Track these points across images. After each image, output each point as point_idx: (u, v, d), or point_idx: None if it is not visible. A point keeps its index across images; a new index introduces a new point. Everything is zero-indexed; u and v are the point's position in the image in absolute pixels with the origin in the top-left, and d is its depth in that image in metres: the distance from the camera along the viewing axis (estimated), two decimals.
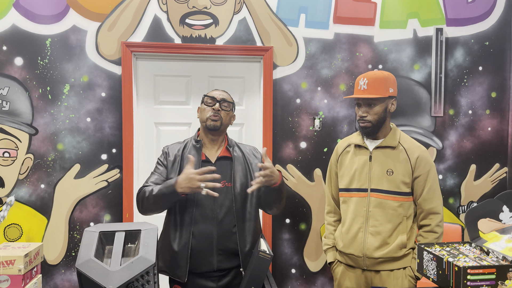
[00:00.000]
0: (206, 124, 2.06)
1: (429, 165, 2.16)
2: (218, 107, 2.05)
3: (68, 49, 2.91)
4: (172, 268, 2.01)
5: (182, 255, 1.98)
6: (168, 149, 2.13)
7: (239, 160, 2.10)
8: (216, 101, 2.07)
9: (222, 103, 2.07)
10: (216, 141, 2.11)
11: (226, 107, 2.09)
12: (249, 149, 2.19)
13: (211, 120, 2.04)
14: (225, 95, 2.12)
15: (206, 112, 2.07)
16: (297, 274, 3.15)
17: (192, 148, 2.09)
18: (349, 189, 2.24)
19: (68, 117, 2.93)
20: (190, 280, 2.01)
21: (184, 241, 1.99)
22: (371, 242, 2.14)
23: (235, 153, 2.10)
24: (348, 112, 3.15)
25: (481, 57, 3.25)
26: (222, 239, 2.00)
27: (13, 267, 1.79)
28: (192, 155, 2.05)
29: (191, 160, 1.92)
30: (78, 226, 2.96)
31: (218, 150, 2.11)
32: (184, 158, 2.07)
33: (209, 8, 3.02)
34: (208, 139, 2.10)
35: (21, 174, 2.90)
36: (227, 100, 2.10)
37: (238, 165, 2.08)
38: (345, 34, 3.13)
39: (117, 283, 1.37)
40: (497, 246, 1.84)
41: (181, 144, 2.15)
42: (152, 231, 1.58)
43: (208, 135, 2.09)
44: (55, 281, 2.94)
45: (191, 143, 2.12)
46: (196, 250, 1.99)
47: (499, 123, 3.29)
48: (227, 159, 2.09)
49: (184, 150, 2.10)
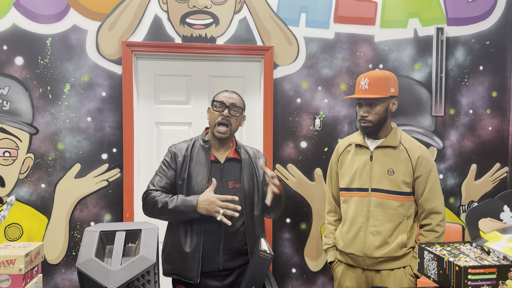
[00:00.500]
0: (213, 133, 2.05)
1: (430, 165, 2.16)
2: (228, 113, 2.03)
3: (69, 49, 2.91)
4: (183, 270, 1.99)
5: (194, 256, 1.97)
6: (176, 149, 2.10)
7: (246, 162, 2.10)
8: (225, 106, 2.04)
9: (231, 108, 2.04)
10: (224, 143, 2.11)
11: (236, 112, 2.06)
12: (254, 152, 2.20)
13: (218, 132, 2.03)
14: (235, 99, 2.08)
15: (215, 117, 2.04)
16: (297, 273, 3.15)
17: (201, 149, 2.08)
18: (349, 189, 2.24)
19: (68, 116, 2.93)
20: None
21: (195, 242, 1.98)
22: (371, 242, 2.14)
23: (243, 155, 2.11)
24: (349, 111, 3.15)
25: (481, 56, 3.25)
26: (229, 238, 2.00)
27: (14, 266, 1.79)
28: (200, 155, 2.05)
29: (214, 184, 1.93)
30: (79, 226, 2.96)
31: (227, 151, 2.10)
32: (192, 158, 2.05)
33: (209, 7, 3.01)
34: (217, 141, 2.10)
35: (21, 174, 2.90)
36: (237, 105, 2.06)
37: (245, 167, 2.09)
38: (346, 34, 3.13)
39: (117, 282, 1.37)
40: (498, 246, 1.84)
41: (188, 143, 2.12)
42: (152, 231, 1.58)
43: (216, 139, 2.09)
44: (55, 281, 2.94)
45: (199, 142, 2.10)
46: (204, 250, 1.99)
47: (500, 122, 3.28)
48: (236, 160, 2.09)
49: (193, 150, 2.08)
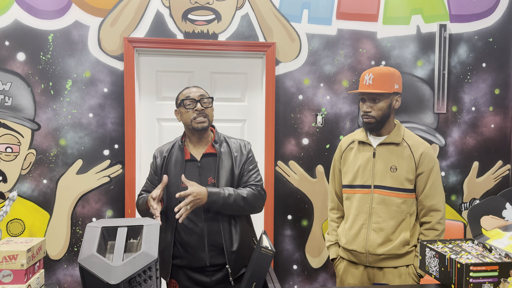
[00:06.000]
0: (193, 127, 2.02)
1: (433, 162, 2.15)
2: (201, 107, 2.01)
3: (71, 45, 2.90)
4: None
5: (166, 255, 2.02)
6: (158, 153, 2.14)
7: (225, 156, 2.06)
8: (196, 101, 2.02)
9: (201, 101, 2.02)
10: (202, 139, 2.08)
11: (207, 104, 2.04)
12: (238, 143, 2.12)
13: (197, 123, 2.00)
14: (201, 91, 2.07)
15: (189, 115, 2.01)
16: (298, 270, 3.16)
17: (177, 148, 2.09)
18: (352, 186, 2.24)
19: (70, 112, 2.93)
20: (184, 274, 2.03)
21: (168, 240, 2.02)
22: (374, 239, 2.14)
23: (222, 149, 2.06)
24: (351, 108, 3.14)
25: (484, 53, 3.23)
26: (212, 235, 2.00)
27: (16, 262, 1.80)
28: (177, 155, 2.06)
29: (163, 181, 1.96)
30: (80, 222, 2.96)
31: (205, 147, 2.08)
32: (170, 158, 2.07)
33: (211, 3, 3.01)
34: (195, 138, 2.07)
35: (23, 170, 2.90)
36: (205, 96, 2.05)
37: (224, 161, 2.04)
38: (348, 30, 3.12)
39: (119, 278, 1.37)
40: (500, 243, 1.83)
41: (170, 144, 2.14)
42: (154, 227, 1.58)
43: (195, 135, 2.06)
44: (57, 276, 2.95)
45: (178, 143, 2.12)
46: (188, 246, 2.00)
47: (502, 120, 3.27)
48: (213, 155, 2.05)
49: (172, 150, 2.10)
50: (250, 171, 2.08)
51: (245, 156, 2.09)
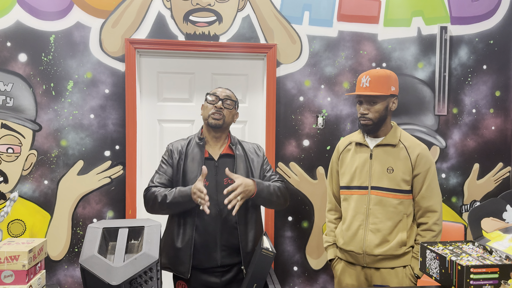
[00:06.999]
0: (208, 122, 2.08)
1: (429, 163, 2.17)
2: (221, 105, 2.06)
3: (72, 46, 2.91)
4: (175, 265, 2.03)
5: (185, 252, 2.00)
6: (173, 147, 2.15)
7: (241, 158, 2.11)
8: (219, 99, 2.08)
9: (225, 101, 2.08)
10: (219, 139, 2.12)
11: (229, 105, 2.10)
12: (252, 147, 2.21)
13: (212, 119, 2.05)
14: (229, 93, 2.13)
15: (209, 110, 2.08)
16: (299, 271, 3.16)
17: (196, 146, 2.11)
18: (350, 187, 2.25)
19: (71, 113, 2.93)
20: (193, 275, 2.03)
21: (187, 237, 2.01)
22: (371, 239, 2.15)
23: (237, 151, 2.12)
24: (352, 110, 3.15)
25: (485, 55, 3.24)
26: (225, 235, 2.02)
27: (17, 262, 1.80)
28: (195, 152, 2.08)
29: (204, 172, 1.92)
30: (81, 222, 2.97)
31: (221, 147, 2.12)
32: (188, 155, 2.08)
33: (212, 5, 3.01)
34: (211, 136, 2.12)
35: (24, 170, 2.91)
36: (230, 98, 2.11)
37: (240, 163, 2.10)
38: (349, 32, 3.12)
39: (120, 279, 1.38)
40: (500, 245, 1.83)
41: (185, 141, 2.16)
42: (155, 228, 1.59)
43: (211, 133, 2.11)
44: (58, 277, 2.96)
45: (195, 140, 2.14)
46: (200, 246, 2.01)
47: (503, 122, 3.27)
48: (230, 156, 2.10)
49: (188, 147, 2.11)
50: (269, 171, 2.18)
51: (262, 158, 2.18)
